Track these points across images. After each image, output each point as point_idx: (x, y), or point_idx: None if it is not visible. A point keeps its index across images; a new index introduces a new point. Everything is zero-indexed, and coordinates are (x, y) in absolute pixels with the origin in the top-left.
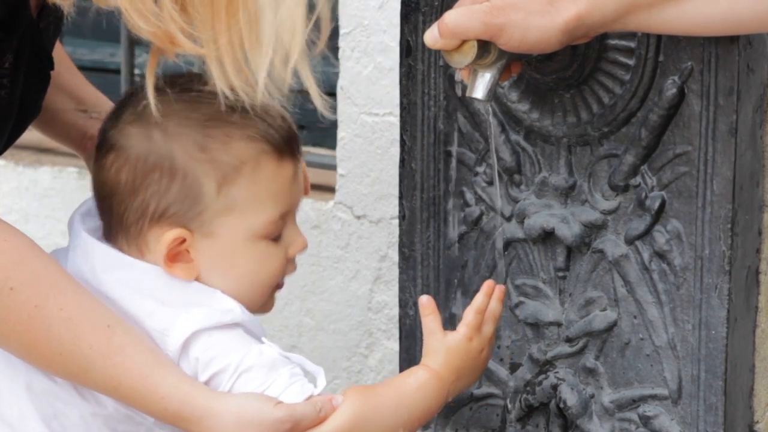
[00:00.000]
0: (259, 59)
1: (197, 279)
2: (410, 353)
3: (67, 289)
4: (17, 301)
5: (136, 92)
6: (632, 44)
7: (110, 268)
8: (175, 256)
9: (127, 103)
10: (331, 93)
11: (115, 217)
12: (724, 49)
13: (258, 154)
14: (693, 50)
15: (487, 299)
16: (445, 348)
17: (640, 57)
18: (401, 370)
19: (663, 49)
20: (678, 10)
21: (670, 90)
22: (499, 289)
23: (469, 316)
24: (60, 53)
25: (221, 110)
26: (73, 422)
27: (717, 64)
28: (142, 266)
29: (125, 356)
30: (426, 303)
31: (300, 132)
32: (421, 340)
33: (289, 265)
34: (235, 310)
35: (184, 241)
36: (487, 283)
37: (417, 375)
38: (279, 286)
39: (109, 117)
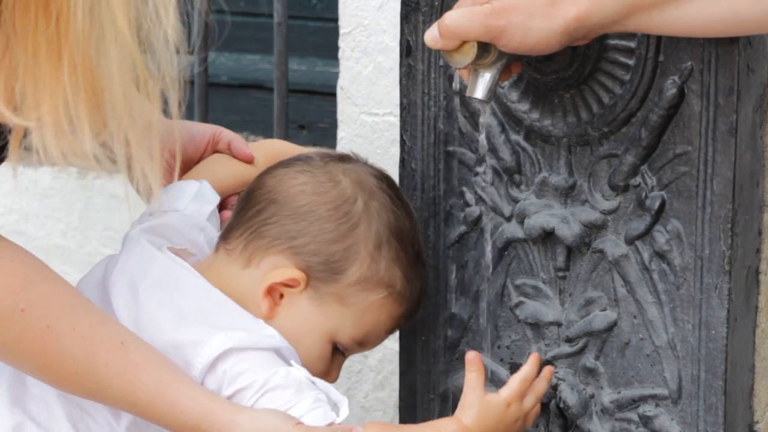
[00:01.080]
0: (86, 126)
1: (273, 322)
2: (410, 353)
3: (79, 308)
4: (29, 323)
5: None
6: (632, 44)
7: (164, 277)
8: (271, 290)
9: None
10: (331, 93)
11: (255, 221)
12: (724, 49)
13: (397, 291)
14: (693, 50)
15: (534, 370)
16: (482, 406)
17: (640, 57)
18: (401, 370)
19: (663, 49)
20: (678, 12)
21: (670, 90)
22: (547, 368)
23: (515, 382)
24: None
25: (412, 234)
26: (100, 423)
27: (717, 64)
28: (200, 284)
29: (141, 372)
30: (473, 359)
31: (300, 132)
32: (422, 341)
33: (328, 376)
34: (275, 337)
35: (294, 287)
36: (535, 356)
37: (446, 427)
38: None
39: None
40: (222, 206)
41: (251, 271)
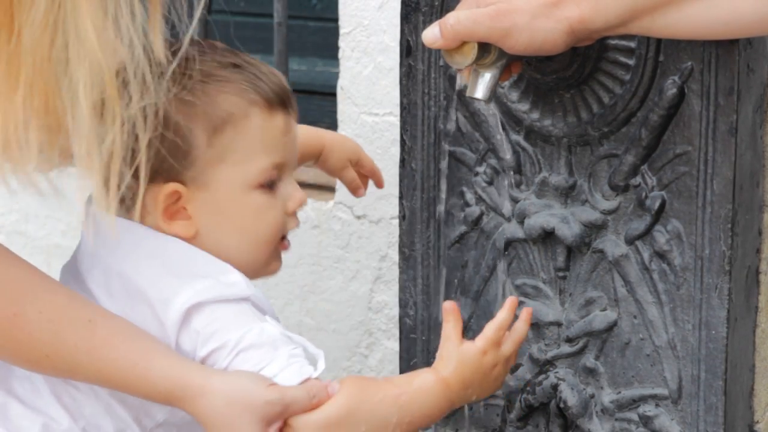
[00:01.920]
0: (33, 150)
1: (196, 235)
2: (410, 353)
3: (43, 291)
4: None
5: None
6: (632, 44)
7: (122, 237)
8: (174, 214)
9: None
10: (331, 93)
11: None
12: (724, 49)
13: (248, 105)
14: (693, 50)
15: (510, 315)
16: (458, 356)
17: (641, 57)
18: (401, 370)
19: (663, 49)
20: (680, 15)
21: (671, 90)
22: (527, 311)
23: (489, 330)
24: None
25: (213, 66)
26: (84, 392)
27: (717, 64)
28: (150, 233)
29: (111, 348)
30: (449, 308)
31: None
32: (422, 340)
33: (290, 220)
34: (240, 284)
35: (179, 197)
36: (511, 299)
37: (422, 377)
38: (284, 245)
39: None
40: None
41: (150, 220)
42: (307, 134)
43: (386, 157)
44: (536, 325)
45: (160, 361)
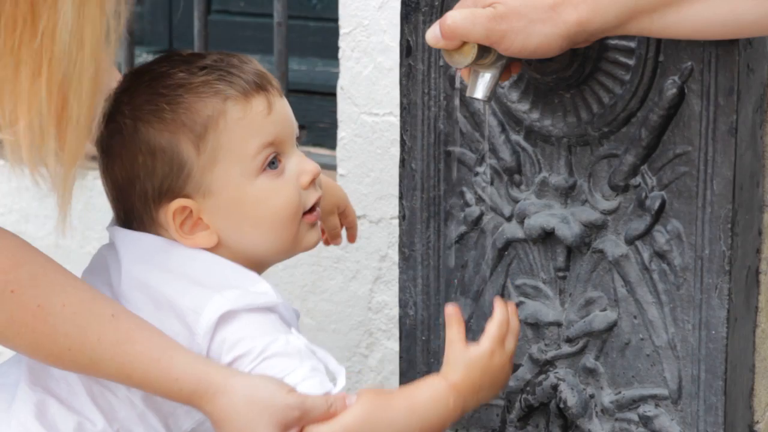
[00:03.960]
0: (52, 144)
1: (221, 243)
2: (410, 353)
3: (68, 285)
4: (20, 303)
5: (110, 97)
6: (632, 44)
7: (147, 254)
8: (192, 227)
9: (103, 107)
10: (331, 93)
11: (128, 214)
12: (724, 49)
13: (222, 102)
14: (693, 50)
15: (506, 311)
16: (466, 361)
17: (640, 57)
18: (401, 370)
19: (663, 49)
20: (679, 16)
21: (670, 90)
22: (512, 305)
23: (492, 329)
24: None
25: (183, 77)
26: (120, 397)
27: (717, 64)
28: (178, 249)
29: (134, 343)
30: (451, 312)
31: (300, 132)
32: (422, 341)
33: (307, 193)
34: (269, 293)
35: (191, 211)
36: (498, 299)
37: (433, 385)
38: (312, 218)
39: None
40: None
41: (170, 238)
42: None
43: (386, 157)
44: (536, 326)
45: (183, 358)
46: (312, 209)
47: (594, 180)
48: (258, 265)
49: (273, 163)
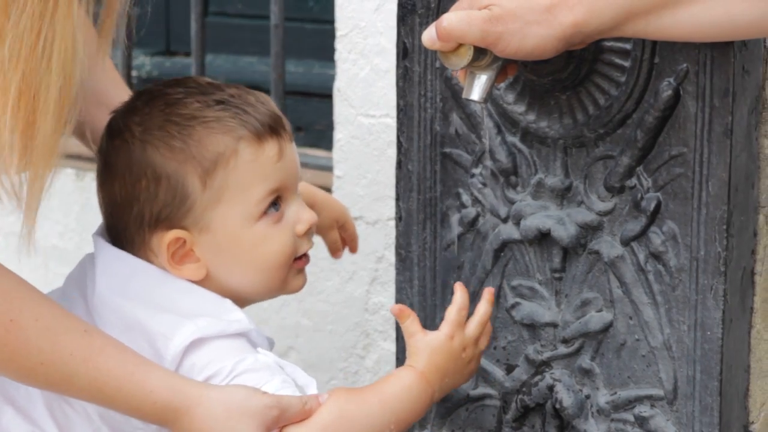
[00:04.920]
0: (15, 159)
1: (208, 276)
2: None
3: (40, 301)
4: None
5: (118, 110)
6: (628, 46)
7: (125, 275)
8: (182, 258)
9: (111, 120)
10: (327, 95)
11: (120, 232)
12: (719, 50)
13: (235, 141)
14: (688, 52)
15: (465, 297)
16: (427, 347)
17: (636, 59)
18: None
19: (658, 50)
20: (674, 18)
21: (666, 91)
22: (488, 291)
23: (450, 313)
24: (109, 68)
25: (198, 108)
26: (77, 410)
27: (712, 65)
28: (155, 274)
29: (107, 357)
30: (399, 311)
31: (297, 133)
32: None
33: (301, 242)
34: (242, 321)
35: (185, 241)
36: (459, 285)
37: (401, 376)
38: (301, 263)
39: (101, 135)
40: None
41: (158, 264)
42: (301, 191)
43: (382, 159)
44: (532, 326)
45: (157, 372)
46: (303, 255)
47: (590, 181)
48: (240, 301)
49: (275, 206)
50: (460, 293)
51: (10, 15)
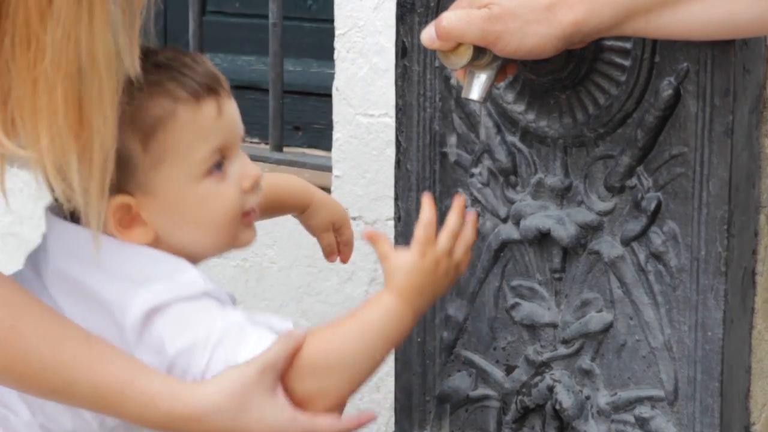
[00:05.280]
0: (74, 160)
1: (158, 239)
2: (406, 354)
3: (40, 308)
4: None
5: None
6: (628, 45)
7: (75, 246)
8: (130, 222)
9: None
10: (326, 94)
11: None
12: (720, 50)
13: (173, 103)
14: (689, 51)
15: (431, 212)
16: (401, 269)
17: (636, 58)
18: (396, 371)
19: (659, 50)
20: (675, 16)
21: (666, 91)
22: (458, 199)
23: (417, 233)
24: None
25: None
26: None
27: (713, 64)
28: (105, 241)
29: (108, 363)
30: (369, 235)
31: (295, 133)
32: (417, 342)
33: (248, 197)
34: (196, 282)
35: (130, 206)
36: (427, 196)
37: (380, 300)
38: (249, 218)
39: None
40: None
41: (108, 231)
42: (299, 187)
43: (381, 159)
44: (532, 327)
45: (157, 378)
46: (250, 210)
47: (590, 181)
48: (192, 259)
49: (218, 166)
50: (426, 209)
51: (47, 27)
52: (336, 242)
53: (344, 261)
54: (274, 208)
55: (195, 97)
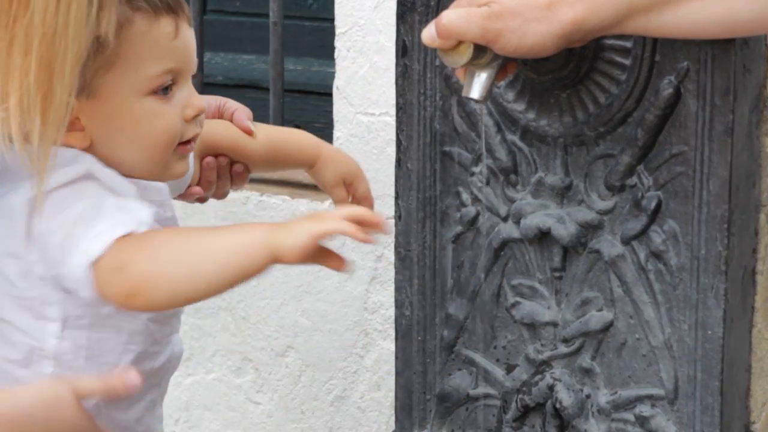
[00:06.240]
0: (37, 120)
1: (92, 146)
2: (406, 353)
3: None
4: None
5: None
6: (628, 44)
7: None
8: (69, 126)
9: None
10: (327, 93)
11: None
12: (720, 48)
13: (131, 12)
14: (689, 50)
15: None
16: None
17: (636, 57)
18: (397, 370)
19: (659, 48)
20: (675, 15)
21: (667, 90)
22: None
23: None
24: None
25: None
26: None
27: (713, 63)
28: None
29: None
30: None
31: None
32: (418, 341)
33: (188, 127)
34: (79, 167)
35: (72, 109)
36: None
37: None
38: (186, 149)
39: None
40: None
41: None
42: (306, 140)
43: (382, 157)
44: (532, 326)
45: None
46: (187, 142)
47: (590, 180)
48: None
49: (165, 90)
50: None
51: None
52: (351, 198)
53: (369, 208)
54: (279, 160)
55: (154, 10)
